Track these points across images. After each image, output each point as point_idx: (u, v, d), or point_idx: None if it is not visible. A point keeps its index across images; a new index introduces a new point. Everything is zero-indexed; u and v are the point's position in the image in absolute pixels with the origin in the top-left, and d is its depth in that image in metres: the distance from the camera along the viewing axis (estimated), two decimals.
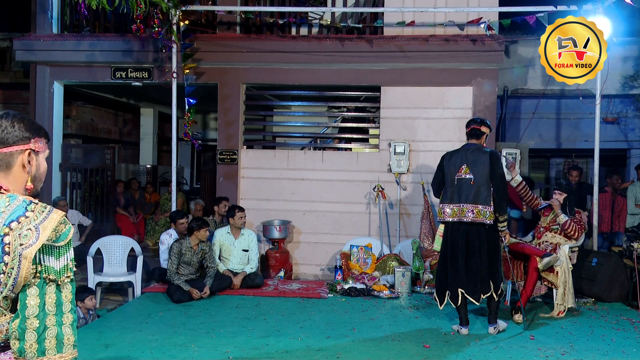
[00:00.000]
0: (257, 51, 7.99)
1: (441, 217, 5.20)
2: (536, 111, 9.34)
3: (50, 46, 8.29)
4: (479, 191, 5.03)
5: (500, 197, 5.06)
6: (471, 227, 5.05)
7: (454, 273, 5.07)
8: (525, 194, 6.09)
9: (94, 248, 7.26)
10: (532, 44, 9.75)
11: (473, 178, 5.05)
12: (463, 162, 5.13)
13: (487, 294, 5.02)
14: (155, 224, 9.32)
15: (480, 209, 5.01)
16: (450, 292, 5.08)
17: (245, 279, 6.76)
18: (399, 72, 7.96)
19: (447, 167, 5.21)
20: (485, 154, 5.11)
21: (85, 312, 5.64)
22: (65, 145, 9.01)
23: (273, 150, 8.40)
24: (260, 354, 4.49)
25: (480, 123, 5.33)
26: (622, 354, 4.62)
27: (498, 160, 5.13)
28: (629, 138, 10.36)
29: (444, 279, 5.17)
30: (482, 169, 5.05)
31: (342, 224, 8.06)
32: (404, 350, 4.62)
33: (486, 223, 5.02)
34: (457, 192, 5.10)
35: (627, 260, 6.59)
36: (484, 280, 5.01)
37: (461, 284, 5.03)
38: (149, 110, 12.61)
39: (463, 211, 5.05)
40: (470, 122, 5.40)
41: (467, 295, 5.01)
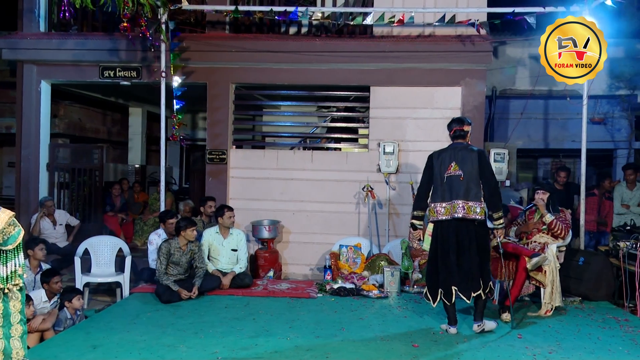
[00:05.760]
0: (247, 51, 7.97)
1: (434, 216, 5.18)
2: (524, 111, 9.43)
3: (37, 45, 8.23)
4: (468, 187, 5.06)
5: (492, 194, 5.08)
6: (461, 223, 5.07)
7: (445, 270, 5.08)
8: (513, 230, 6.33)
9: (82, 248, 7.22)
10: (520, 45, 9.83)
11: (462, 174, 5.08)
12: (452, 159, 5.16)
13: (478, 291, 5.04)
14: (144, 224, 9.27)
15: (470, 205, 5.04)
16: (443, 289, 5.08)
17: (234, 279, 6.75)
18: (388, 72, 7.98)
19: (436, 166, 5.22)
20: (473, 152, 5.15)
21: (72, 312, 5.60)
22: (53, 144, 8.94)
23: (262, 150, 8.39)
24: (249, 354, 4.48)
25: (461, 123, 5.35)
26: (608, 352, 4.66)
27: (486, 157, 5.21)
28: (615, 138, 10.46)
29: (435, 277, 5.17)
30: (471, 166, 5.08)
31: (332, 224, 8.07)
32: (393, 350, 4.63)
33: (477, 219, 5.04)
34: (447, 190, 5.12)
35: (613, 259, 6.65)
36: (475, 278, 5.03)
37: (454, 281, 5.04)
38: (137, 109, 12.55)
39: (455, 207, 5.06)
40: (451, 124, 5.40)
41: (459, 292, 5.02)
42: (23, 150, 8.38)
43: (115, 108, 12.72)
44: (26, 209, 8.33)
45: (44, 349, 4.61)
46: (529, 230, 6.24)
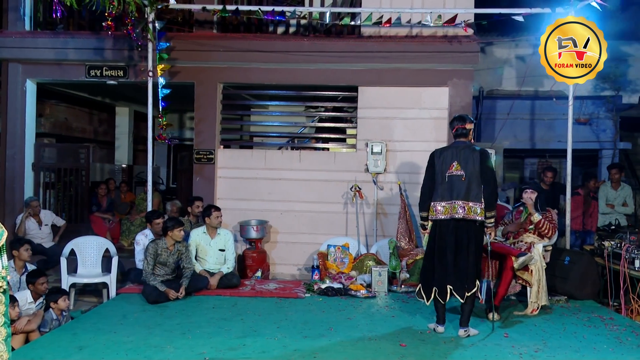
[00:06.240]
0: (234, 50, 7.95)
1: (433, 215, 5.14)
2: (511, 112, 9.48)
3: (22, 43, 8.16)
4: (469, 187, 5.03)
5: (491, 194, 5.05)
6: (460, 223, 5.04)
7: (442, 269, 5.06)
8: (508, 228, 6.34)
9: (68, 249, 7.16)
10: (507, 46, 9.91)
11: (464, 174, 5.05)
12: (454, 158, 5.11)
13: (472, 291, 5.03)
14: (131, 224, 9.22)
15: (471, 206, 5.01)
16: (438, 288, 5.08)
17: (222, 279, 6.73)
18: (376, 72, 8.00)
19: (438, 165, 5.17)
20: (476, 151, 5.10)
21: (58, 313, 5.56)
22: (39, 144, 8.86)
23: (250, 150, 8.37)
24: (237, 354, 4.47)
25: (464, 121, 5.29)
26: (593, 350, 4.70)
27: (488, 157, 5.15)
28: (600, 138, 10.57)
29: (430, 275, 5.16)
30: (473, 166, 5.04)
31: (320, 224, 8.07)
32: (381, 349, 4.65)
33: (477, 220, 5.02)
34: (448, 189, 5.08)
35: (598, 258, 6.72)
36: (470, 277, 5.03)
37: (449, 280, 5.03)
38: (124, 109, 12.48)
39: (455, 208, 5.04)
40: (454, 121, 5.34)
41: (454, 291, 5.02)
42: (8, 150, 8.30)
43: (101, 107, 12.63)
44: (11, 209, 8.25)
45: (29, 350, 4.57)
46: (516, 230, 6.29)
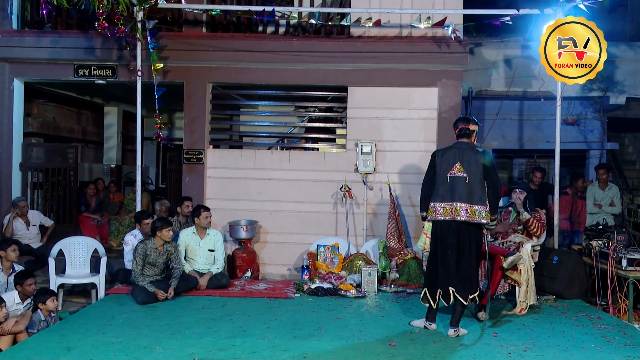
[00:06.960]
0: (224, 50, 7.94)
1: (432, 215, 5.10)
2: (499, 112, 9.52)
3: (9, 42, 8.09)
4: (473, 190, 4.98)
5: (495, 197, 5.03)
6: (462, 225, 5.02)
7: (445, 271, 5.05)
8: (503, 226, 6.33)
9: (56, 249, 7.11)
10: (495, 46, 9.94)
11: (467, 177, 5.00)
12: (456, 160, 5.07)
13: (475, 293, 5.03)
14: (120, 225, 9.17)
15: (475, 209, 4.97)
16: (442, 290, 5.06)
17: (211, 280, 6.71)
18: (365, 73, 8.01)
19: (439, 165, 5.13)
20: (479, 153, 5.07)
21: (46, 314, 5.51)
22: (26, 144, 8.79)
23: (240, 150, 8.35)
24: (227, 354, 4.46)
25: (468, 122, 5.29)
26: (581, 349, 4.74)
27: (491, 159, 5.12)
28: (588, 139, 10.64)
29: (434, 277, 5.14)
30: (476, 168, 5.01)
31: (309, 224, 8.07)
32: (371, 349, 4.65)
33: (482, 223, 4.99)
34: (449, 190, 5.04)
35: (586, 258, 6.78)
36: (473, 280, 5.03)
37: (452, 282, 5.02)
38: (113, 108, 12.41)
39: (457, 210, 5.00)
40: (458, 122, 5.34)
41: (456, 294, 5.00)
42: None
43: (90, 107, 12.55)
44: None
45: (17, 351, 4.54)
46: (504, 230, 6.32)
